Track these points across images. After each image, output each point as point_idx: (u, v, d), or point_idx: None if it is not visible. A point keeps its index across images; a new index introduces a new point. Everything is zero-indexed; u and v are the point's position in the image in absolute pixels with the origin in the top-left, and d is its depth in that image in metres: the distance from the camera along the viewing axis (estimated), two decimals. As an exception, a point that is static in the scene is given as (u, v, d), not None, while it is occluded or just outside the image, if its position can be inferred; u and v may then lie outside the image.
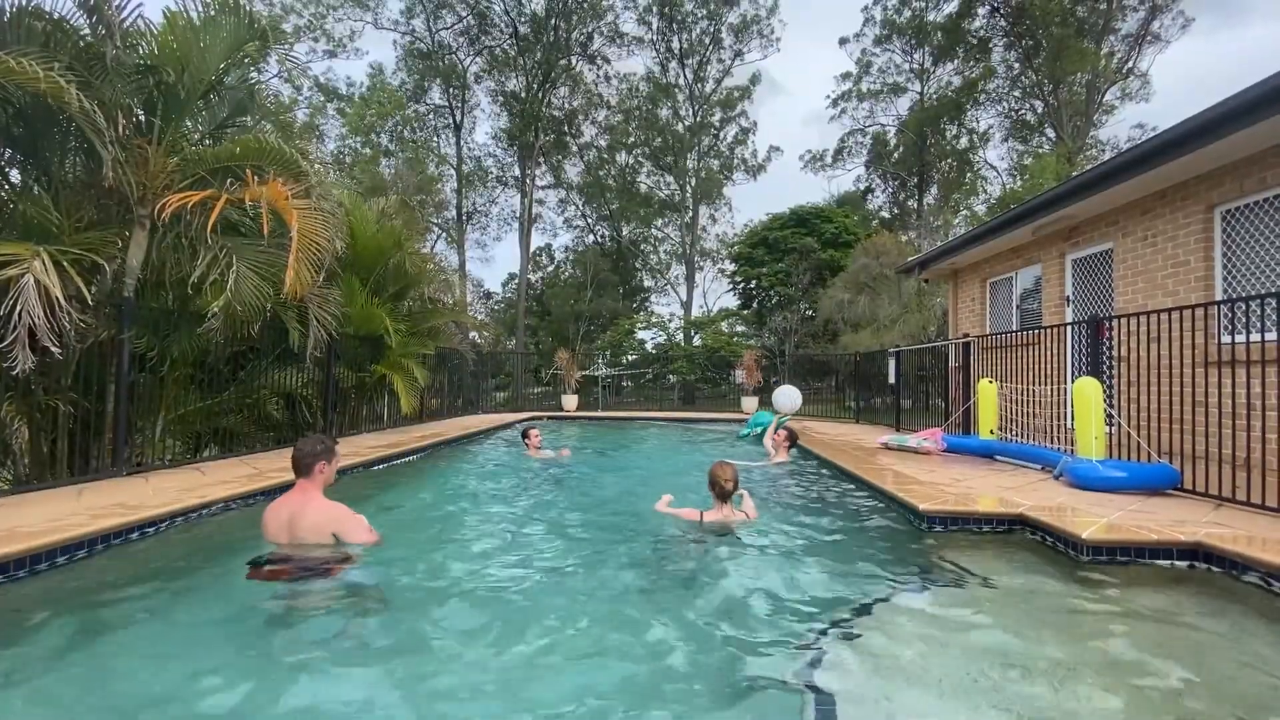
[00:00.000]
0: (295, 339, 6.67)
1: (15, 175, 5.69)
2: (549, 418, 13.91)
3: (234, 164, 5.80)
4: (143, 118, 5.69)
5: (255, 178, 5.51)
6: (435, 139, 30.98)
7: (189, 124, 6.32)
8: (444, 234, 29.82)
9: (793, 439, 7.21)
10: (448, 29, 29.21)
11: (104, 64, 5.13)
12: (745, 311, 28.66)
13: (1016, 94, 29.03)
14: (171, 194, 5.11)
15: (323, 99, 29.30)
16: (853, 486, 5.48)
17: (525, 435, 7.74)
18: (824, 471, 6.47)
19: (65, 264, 4.40)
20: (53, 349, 4.14)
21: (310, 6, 27.84)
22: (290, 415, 8.12)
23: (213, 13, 5.79)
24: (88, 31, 5.32)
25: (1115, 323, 5.95)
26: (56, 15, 5.12)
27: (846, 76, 32.89)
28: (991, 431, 6.68)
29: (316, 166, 6.65)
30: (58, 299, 4.12)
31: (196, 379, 6.44)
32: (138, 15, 5.44)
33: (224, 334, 5.75)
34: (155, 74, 5.58)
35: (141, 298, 5.63)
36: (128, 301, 5.19)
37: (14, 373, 4.09)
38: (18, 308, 3.94)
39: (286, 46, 22.61)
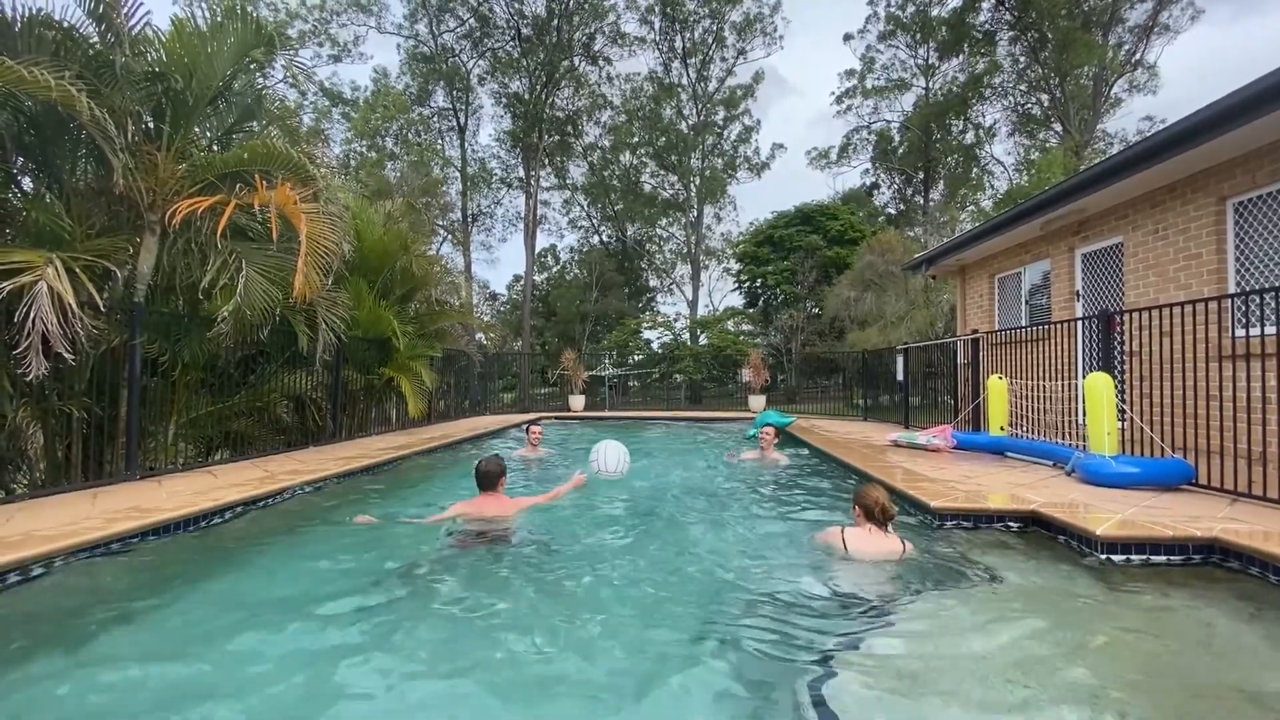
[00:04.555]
0: (304, 342, 6.71)
1: (28, 183, 5.75)
2: (556, 418, 13.93)
3: (242, 169, 5.84)
4: (151, 124, 5.74)
5: (264, 182, 5.55)
6: (440, 142, 31.06)
7: (197, 130, 6.36)
8: (449, 236, 29.90)
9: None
10: (450, 32, 29.29)
11: (113, 71, 5.18)
12: (751, 310, 28.62)
13: (1023, 88, 28.82)
14: (181, 199, 5.15)
15: (328, 103, 29.46)
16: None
17: (528, 429, 7.78)
18: (823, 468, 6.44)
19: (77, 270, 4.44)
20: (66, 355, 4.18)
21: (315, 12, 28.00)
22: (300, 418, 8.16)
23: (219, 19, 5.84)
24: (97, 40, 5.37)
25: (1126, 317, 5.90)
26: (66, 24, 5.18)
27: (851, 74, 32.77)
28: (1001, 428, 6.63)
29: (323, 171, 6.68)
30: (70, 305, 4.16)
31: (207, 383, 6.49)
32: (146, 23, 5.51)
33: (233, 338, 5.79)
34: (163, 81, 5.62)
35: (152, 303, 5.68)
36: (139, 307, 5.23)
37: (28, 378, 4.14)
38: (32, 314, 3.98)
39: (292, 52, 22.75)
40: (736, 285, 30.60)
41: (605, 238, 35.55)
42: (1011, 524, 3.83)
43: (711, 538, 4.02)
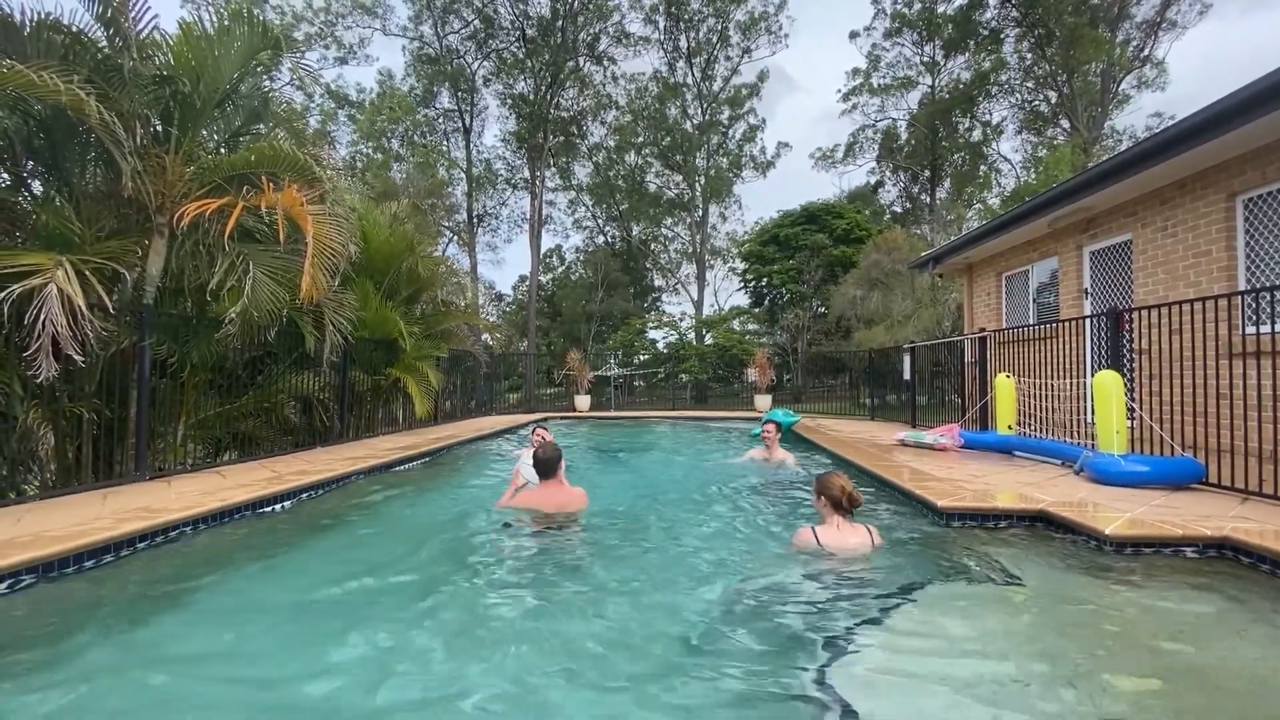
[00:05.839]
0: (311, 343, 6.74)
1: (37, 186, 5.80)
2: (562, 418, 13.94)
3: (249, 171, 5.87)
4: (159, 127, 5.78)
5: (271, 184, 5.58)
6: (445, 143, 31.18)
7: (205, 133, 6.40)
8: (455, 237, 30.00)
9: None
10: (455, 33, 29.38)
11: (121, 75, 5.22)
12: (757, 310, 28.55)
13: (1030, 85, 28.64)
14: (189, 202, 5.18)
15: (334, 105, 29.62)
16: (870, 485, 5.43)
17: (534, 431, 7.77)
18: (828, 466, 6.42)
19: (87, 273, 4.48)
20: (76, 357, 4.21)
21: (320, 15, 28.16)
22: (307, 419, 8.21)
23: (226, 23, 5.87)
24: (105, 44, 5.41)
25: (1135, 314, 5.85)
26: (75, 28, 5.21)
27: (857, 72, 32.66)
28: (1009, 427, 6.59)
29: (329, 172, 6.70)
30: (80, 307, 4.20)
31: (215, 384, 6.53)
32: (153, 27, 5.54)
33: (241, 339, 5.82)
34: (171, 84, 5.65)
35: (161, 305, 5.72)
36: (148, 309, 5.27)
37: (39, 380, 4.17)
38: (42, 317, 4.01)
39: (298, 54, 22.84)
40: (742, 284, 30.53)
41: (610, 238, 35.58)
42: (1020, 523, 3.81)
43: (708, 538, 4.01)
